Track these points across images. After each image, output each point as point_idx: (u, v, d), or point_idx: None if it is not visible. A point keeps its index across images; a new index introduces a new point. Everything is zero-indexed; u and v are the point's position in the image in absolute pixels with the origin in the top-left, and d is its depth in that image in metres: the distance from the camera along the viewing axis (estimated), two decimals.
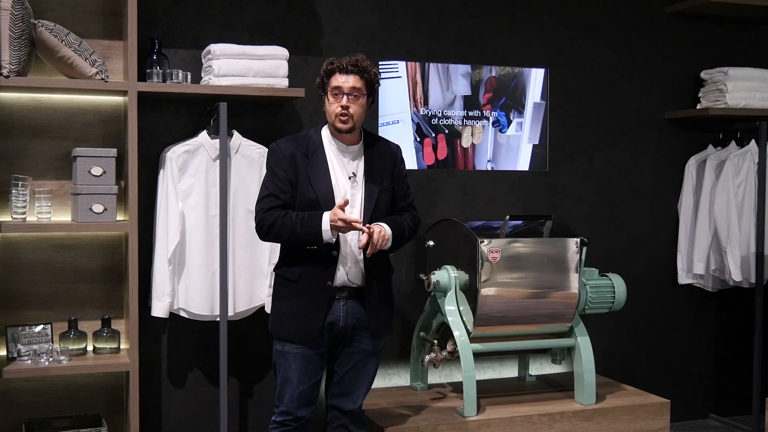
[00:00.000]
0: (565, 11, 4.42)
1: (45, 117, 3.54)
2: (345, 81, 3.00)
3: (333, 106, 3.02)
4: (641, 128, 4.61)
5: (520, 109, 4.33)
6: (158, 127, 3.70)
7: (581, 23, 4.45)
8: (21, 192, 3.35)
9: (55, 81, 3.39)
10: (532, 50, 4.36)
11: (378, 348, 3.19)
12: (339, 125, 3.01)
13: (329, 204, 3.00)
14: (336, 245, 3.00)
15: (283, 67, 3.61)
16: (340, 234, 3.00)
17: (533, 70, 4.35)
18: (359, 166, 3.10)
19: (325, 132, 3.11)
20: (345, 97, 2.99)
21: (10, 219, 3.39)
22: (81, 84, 3.35)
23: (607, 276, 3.93)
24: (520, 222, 3.81)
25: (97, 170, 3.37)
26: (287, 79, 3.63)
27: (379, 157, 3.13)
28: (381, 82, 3.24)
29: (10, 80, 3.23)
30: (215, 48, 3.53)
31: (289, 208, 3.03)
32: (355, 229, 2.94)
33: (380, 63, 4.04)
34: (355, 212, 3.04)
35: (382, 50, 4.09)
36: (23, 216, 3.37)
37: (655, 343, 4.65)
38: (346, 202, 2.96)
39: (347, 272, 3.05)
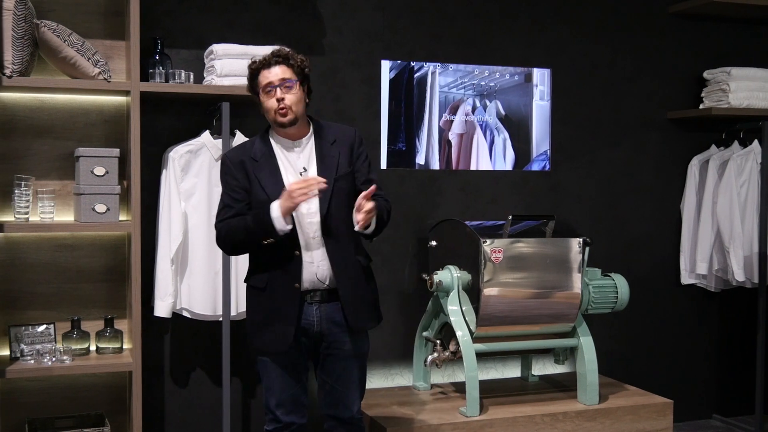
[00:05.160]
0: (568, 11, 4.41)
1: (48, 117, 3.54)
2: (272, 74, 2.89)
3: (268, 103, 2.90)
4: (644, 128, 4.60)
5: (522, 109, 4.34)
6: (161, 127, 3.71)
7: (584, 23, 4.45)
8: (24, 192, 3.36)
9: (57, 81, 3.39)
10: (535, 50, 4.36)
11: (362, 349, 3.05)
12: (279, 119, 2.89)
13: None
14: (297, 245, 2.89)
15: None
16: (301, 233, 2.89)
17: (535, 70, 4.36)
18: (311, 157, 2.98)
19: (271, 132, 3.01)
20: (277, 89, 2.88)
21: (13, 219, 3.39)
22: (84, 84, 3.36)
23: (609, 276, 3.92)
24: (522, 222, 3.81)
25: (99, 170, 3.38)
26: None
27: (333, 143, 2.99)
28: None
29: (12, 80, 3.24)
30: (218, 48, 3.53)
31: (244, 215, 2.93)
32: (315, 183, 2.76)
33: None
34: (312, 205, 2.90)
35: (385, 50, 4.09)
36: (26, 216, 3.37)
37: (658, 343, 4.65)
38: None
39: (315, 272, 2.91)
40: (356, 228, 2.85)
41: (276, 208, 2.80)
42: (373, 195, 2.91)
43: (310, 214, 2.91)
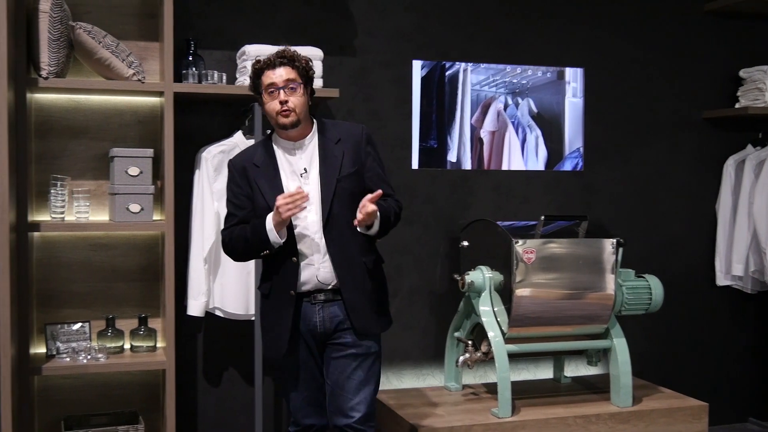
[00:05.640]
0: (601, 10, 4.38)
1: (83, 118, 3.59)
2: (276, 75, 2.84)
3: (271, 104, 2.85)
4: (679, 128, 4.55)
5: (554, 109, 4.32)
6: (194, 127, 3.73)
7: (618, 22, 4.41)
8: (60, 192, 3.40)
9: (93, 82, 3.43)
10: (569, 50, 4.33)
11: (368, 350, 2.93)
12: (282, 121, 2.84)
13: None
14: (294, 252, 2.85)
15: (317, 68, 3.62)
16: (300, 237, 2.85)
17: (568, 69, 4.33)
18: (312, 158, 2.91)
19: (275, 135, 2.97)
20: (281, 91, 2.83)
21: (49, 218, 3.44)
22: (118, 85, 3.39)
23: (643, 277, 3.88)
24: (555, 222, 3.78)
25: (134, 170, 3.41)
26: (321, 80, 3.64)
27: (337, 143, 2.92)
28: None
29: (49, 81, 3.28)
30: (250, 49, 3.55)
31: (248, 222, 2.90)
32: (299, 198, 2.73)
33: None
34: (312, 207, 2.85)
35: (416, 50, 4.08)
36: (62, 215, 3.41)
37: (693, 345, 4.59)
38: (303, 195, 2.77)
39: (316, 274, 2.86)
40: (355, 225, 2.79)
41: (269, 220, 2.79)
42: (383, 197, 2.88)
43: (311, 214, 2.86)
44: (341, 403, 2.90)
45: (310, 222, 2.87)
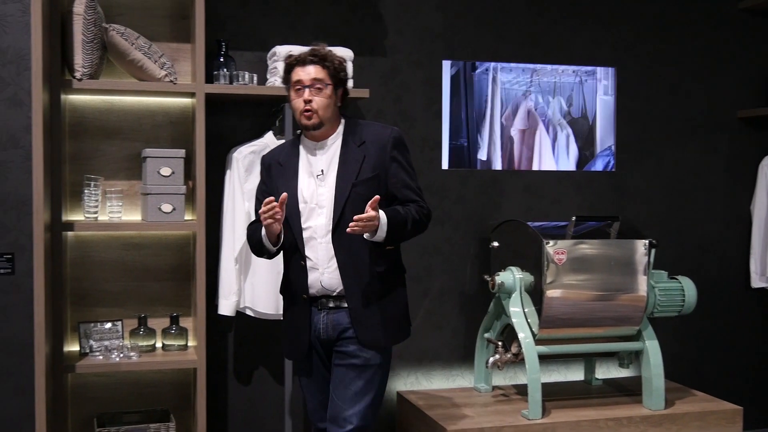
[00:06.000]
0: (633, 8, 4.34)
1: (116, 119, 3.62)
2: (305, 73, 2.79)
3: (296, 102, 2.81)
4: (713, 128, 4.50)
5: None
6: (225, 128, 3.76)
7: (650, 20, 4.37)
8: (93, 192, 3.44)
9: (125, 83, 3.47)
10: (600, 49, 4.29)
11: (366, 361, 2.83)
12: (304, 122, 2.81)
13: (292, 209, 2.82)
14: (303, 255, 2.82)
15: (348, 68, 3.62)
16: (308, 240, 2.82)
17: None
18: (333, 160, 2.84)
19: (303, 134, 2.93)
20: (306, 90, 2.77)
21: (82, 218, 3.48)
22: (150, 86, 3.42)
23: (676, 279, 3.84)
24: (586, 223, 3.75)
25: (166, 170, 3.44)
26: (351, 80, 3.64)
27: (360, 145, 2.83)
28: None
29: (83, 83, 3.32)
30: (280, 50, 3.56)
31: None
32: (269, 209, 2.66)
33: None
34: (323, 212, 2.80)
35: (447, 50, 4.07)
36: (95, 215, 3.45)
37: (727, 347, 4.53)
38: (283, 200, 2.72)
39: (320, 279, 2.82)
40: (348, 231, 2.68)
41: (263, 229, 2.80)
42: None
43: (321, 218, 2.81)
44: (336, 412, 2.84)
45: (319, 225, 2.82)
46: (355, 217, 2.65)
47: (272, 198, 2.71)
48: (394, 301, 2.89)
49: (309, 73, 2.79)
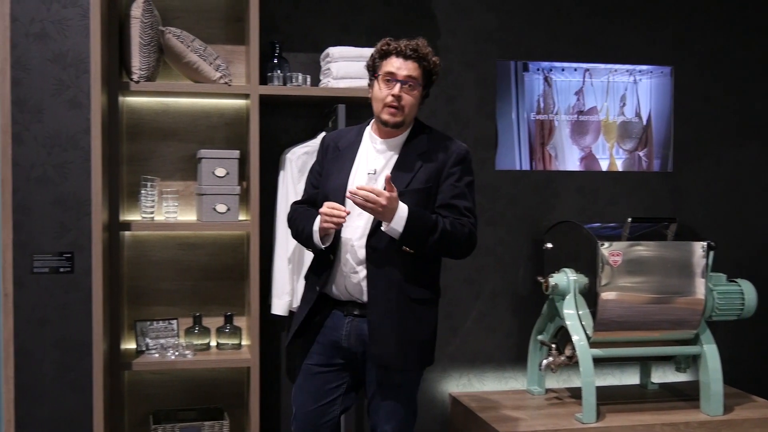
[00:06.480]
0: (690, 5, 4.26)
1: (172, 120, 3.67)
2: (400, 67, 2.60)
3: (382, 93, 2.61)
4: None
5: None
6: (279, 129, 3.79)
7: (707, 18, 4.28)
8: (150, 192, 3.49)
9: (181, 85, 3.52)
10: (656, 48, 4.22)
11: (392, 381, 2.66)
12: (386, 117, 2.62)
13: (338, 202, 2.61)
14: (334, 251, 2.65)
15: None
16: (343, 241, 2.65)
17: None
18: (390, 162, 2.67)
19: (372, 124, 2.76)
20: (398, 85, 2.59)
21: (139, 218, 3.54)
22: (206, 88, 3.47)
23: (736, 282, 3.76)
24: (642, 225, 3.69)
25: (220, 171, 3.47)
26: None
27: (421, 154, 2.66)
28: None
29: (140, 85, 3.37)
30: (333, 51, 3.57)
31: (315, 203, 2.74)
32: (336, 216, 2.53)
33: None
34: (364, 214, 2.59)
35: (499, 50, 4.04)
36: (151, 215, 3.51)
37: None
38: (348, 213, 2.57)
39: (345, 283, 2.66)
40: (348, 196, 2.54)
41: (318, 220, 2.63)
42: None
43: (359, 219, 2.64)
44: (375, 423, 2.74)
45: (355, 227, 2.65)
46: (357, 185, 2.52)
47: (344, 209, 2.56)
48: (420, 324, 2.67)
49: (405, 67, 2.61)
